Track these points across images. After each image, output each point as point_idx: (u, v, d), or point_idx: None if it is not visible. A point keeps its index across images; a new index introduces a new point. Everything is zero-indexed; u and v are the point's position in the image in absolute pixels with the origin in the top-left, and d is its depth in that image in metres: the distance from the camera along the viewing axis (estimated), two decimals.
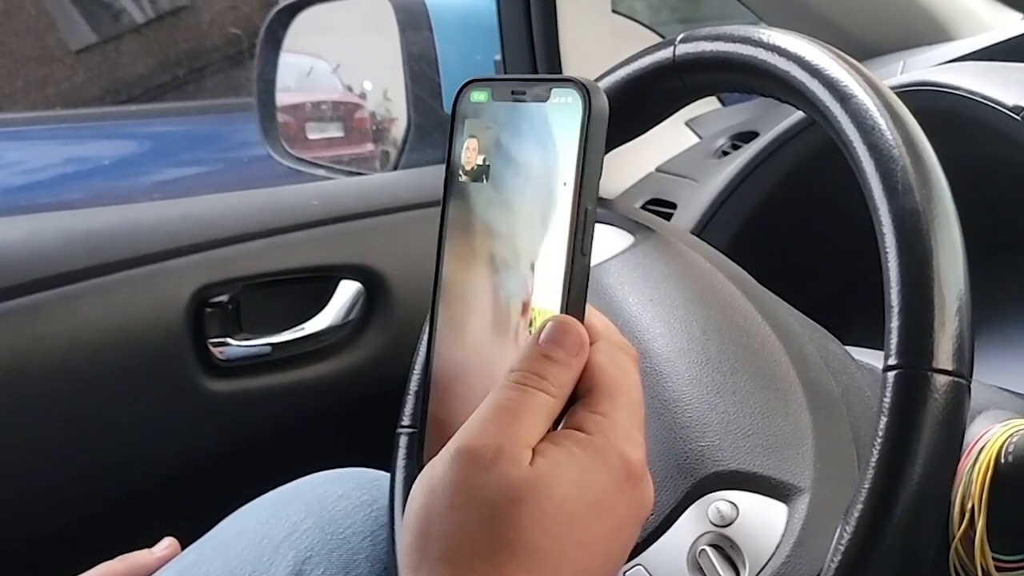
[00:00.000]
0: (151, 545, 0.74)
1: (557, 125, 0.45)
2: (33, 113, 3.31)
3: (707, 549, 0.55)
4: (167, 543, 0.75)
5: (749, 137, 1.05)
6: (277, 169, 1.47)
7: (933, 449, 0.47)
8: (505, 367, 0.45)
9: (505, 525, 0.41)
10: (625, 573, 0.56)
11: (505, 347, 0.47)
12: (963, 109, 0.75)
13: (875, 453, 0.48)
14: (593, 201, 0.45)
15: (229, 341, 1.06)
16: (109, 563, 0.72)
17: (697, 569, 0.55)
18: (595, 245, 0.46)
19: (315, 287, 1.11)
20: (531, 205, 0.46)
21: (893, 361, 0.49)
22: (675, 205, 1.04)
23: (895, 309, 0.49)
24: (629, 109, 0.69)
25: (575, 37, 1.16)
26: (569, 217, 0.44)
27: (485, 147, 0.47)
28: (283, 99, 1.52)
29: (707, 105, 1.23)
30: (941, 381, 0.48)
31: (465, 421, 0.44)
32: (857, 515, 0.48)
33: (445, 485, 0.42)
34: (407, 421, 0.71)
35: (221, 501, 0.77)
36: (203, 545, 0.73)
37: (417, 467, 0.46)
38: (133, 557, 0.73)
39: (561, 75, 0.64)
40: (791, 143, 0.94)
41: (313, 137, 1.85)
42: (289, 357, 1.09)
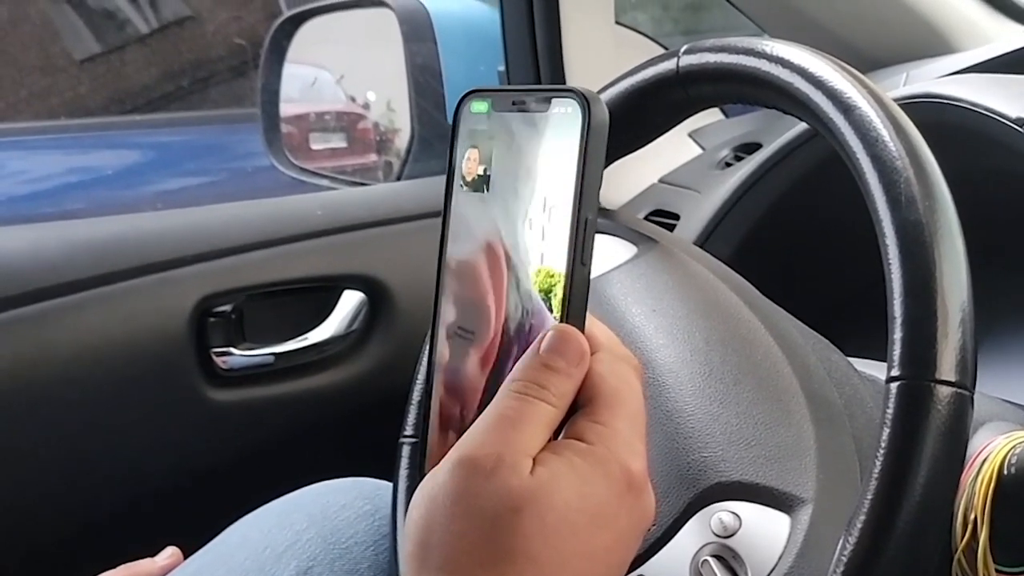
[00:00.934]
0: (154, 554, 0.74)
1: (557, 135, 0.45)
2: (37, 123, 3.32)
3: (710, 560, 0.55)
4: (170, 552, 0.74)
5: (752, 148, 1.05)
6: (281, 179, 1.47)
7: (936, 460, 0.47)
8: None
9: (505, 534, 0.41)
10: None
11: None
12: (966, 121, 0.75)
13: (878, 464, 0.48)
14: (593, 211, 0.44)
15: (232, 351, 1.06)
16: (112, 572, 0.72)
17: None
18: (598, 256, 0.46)
19: (318, 297, 1.11)
20: (531, 215, 0.46)
21: (896, 372, 0.49)
22: (678, 216, 1.04)
23: (898, 320, 0.49)
24: (632, 120, 0.69)
25: (579, 48, 1.16)
26: (569, 227, 0.44)
27: (486, 157, 0.47)
28: (287, 110, 1.53)
29: (710, 116, 1.23)
30: (944, 392, 0.48)
31: (467, 431, 0.44)
32: (860, 526, 0.48)
33: (446, 494, 0.42)
34: (410, 431, 0.71)
35: (224, 510, 0.77)
36: (206, 554, 0.73)
37: (419, 477, 0.45)
38: (136, 566, 0.73)
39: (561, 86, 0.64)
40: (794, 154, 0.94)
41: (317, 147, 1.86)
42: (292, 367, 1.09)
